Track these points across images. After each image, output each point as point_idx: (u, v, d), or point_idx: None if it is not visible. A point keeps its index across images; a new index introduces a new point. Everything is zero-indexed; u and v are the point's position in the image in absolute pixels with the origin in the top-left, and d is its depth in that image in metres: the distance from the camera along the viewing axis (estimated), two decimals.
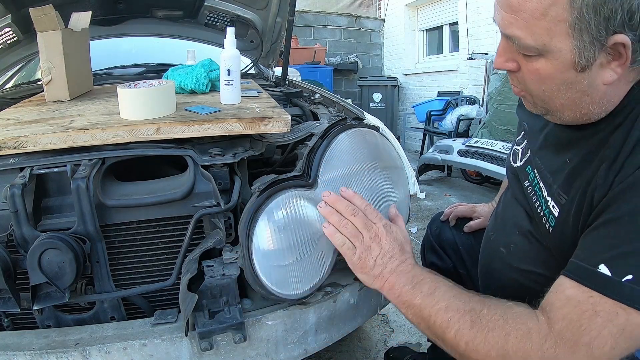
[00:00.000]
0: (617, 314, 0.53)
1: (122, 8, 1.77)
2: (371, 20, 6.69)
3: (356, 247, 0.75)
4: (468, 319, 0.62)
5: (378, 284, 0.74)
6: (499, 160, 2.98)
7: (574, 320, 0.55)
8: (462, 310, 0.63)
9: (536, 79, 0.61)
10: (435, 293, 0.67)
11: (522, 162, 0.81)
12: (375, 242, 0.75)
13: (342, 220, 0.76)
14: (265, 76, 1.98)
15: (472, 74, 4.87)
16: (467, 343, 0.61)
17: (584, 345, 0.54)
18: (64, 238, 0.77)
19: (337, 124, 0.95)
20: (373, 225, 0.77)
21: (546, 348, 0.56)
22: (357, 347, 1.54)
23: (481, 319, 0.61)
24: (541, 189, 0.72)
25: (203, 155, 0.88)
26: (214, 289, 0.80)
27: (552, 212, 0.67)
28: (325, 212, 0.78)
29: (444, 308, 0.65)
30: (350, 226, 0.76)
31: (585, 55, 0.55)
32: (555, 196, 0.67)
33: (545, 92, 0.62)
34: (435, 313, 0.65)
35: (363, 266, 0.75)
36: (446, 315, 0.64)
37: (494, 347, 0.59)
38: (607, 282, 0.54)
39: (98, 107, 1.09)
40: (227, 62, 1.04)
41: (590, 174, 0.61)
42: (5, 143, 0.83)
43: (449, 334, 0.63)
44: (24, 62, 1.84)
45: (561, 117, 0.65)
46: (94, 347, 0.74)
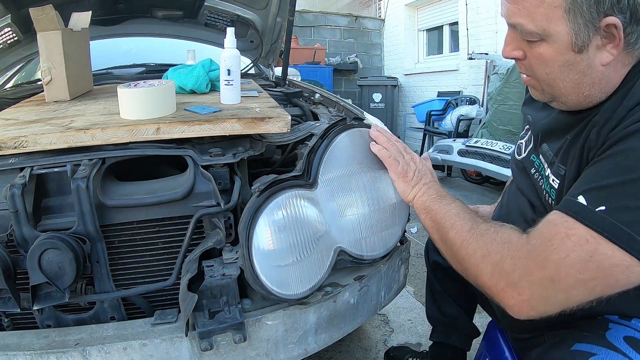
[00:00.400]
0: (587, 240, 0.57)
1: (122, 8, 1.77)
2: (371, 20, 6.68)
3: (399, 161, 0.90)
4: (468, 225, 0.72)
5: (413, 192, 0.87)
6: (499, 160, 2.98)
7: (547, 238, 0.60)
8: (466, 219, 0.74)
9: (540, 62, 0.67)
10: (452, 205, 0.79)
11: (526, 153, 0.88)
12: (413, 161, 0.91)
13: (389, 141, 0.92)
14: (265, 76, 1.98)
15: (472, 74, 4.87)
16: (461, 241, 0.71)
17: (553, 263, 0.58)
18: (64, 238, 0.77)
19: (337, 124, 0.95)
20: (410, 152, 0.94)
21: (518, 256, 0.62)
22: (357, 347, 1.54)
23: (478, 227, 0.71)
24: (545, 170, 0.79)
25: (203, 155, 0.87)
26: (214, 289, 0.80)
27: (553, 186, 0.74)
28: (375, 134, 0.94)
29: (454, 214, 0.76)
30: (394, 147, 0.92)
31: (581, 36, 0.61)
32: (555, 170, 0.74)
33: (549, 75, 0.67)
34: (447, 216, 0.77)
35: (404, 176, 0.89)
36: (453, 219, 0.75)
37: (481, 247, 0.67)
38: (582, 209, 0.58)
39: (98, 107, 1.09)
40: (227, 62, 1.04)
41: (583, 139, 0.67)
42: (5, 143, 0.83)
43: (451, 233, 0.74)
44: (24, 62, 1.84)
45: (566, 101, 0.70)
46: (94, 347, 0.74)
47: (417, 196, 0.86)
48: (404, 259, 1.09)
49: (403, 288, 1.14)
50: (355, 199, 0.92)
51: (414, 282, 2.04)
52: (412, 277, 2.07)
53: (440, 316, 1.19)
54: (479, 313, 1.22)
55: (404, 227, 1.04)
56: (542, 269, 0.59)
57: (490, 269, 0.65)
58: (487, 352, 0.99)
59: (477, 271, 0.67)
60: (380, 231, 0.96)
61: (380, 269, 0.99)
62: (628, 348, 0.62)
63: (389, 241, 1.00)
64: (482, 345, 1.04)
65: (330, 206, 0.88)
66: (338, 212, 0.90)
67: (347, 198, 0.91)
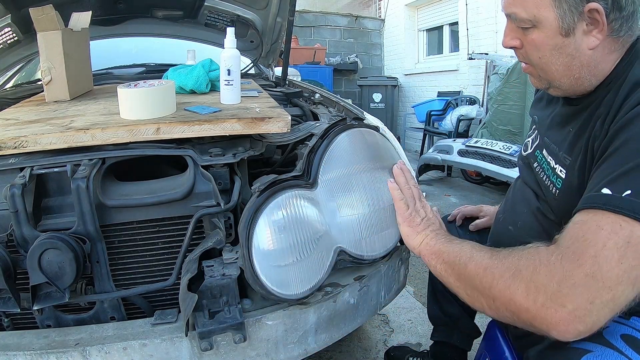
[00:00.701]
0: (621, 226, 0.56)
1: (122, 8, 1.77)
2: (371, 20, 6.69)
3: (409, 206, 0.90)
4: (487, 253, 0.70)
5: (419, 238, 0.86)
6: (499, 160, 2.98)
7: (579, 236, 0.58)
8: (483, 250, 0.72)
9: (533, 48, 0.73)
10: (464, 243, 0.77)
11: (532, 149, 0.91)
12: (424, 209, 0.91)
13: (407, 183, 0.93)
14: (265, 76, 1.98)
15: (472, 74, 4.87)
16: (485, 269, 0.67)
17: (590, 257, 0.56)
18: (64, 238, 0.77)
19: (337, 124, 0.95)
20: (424, 201, 0.94)
21: (552, 260, 0.59)
22: (357, 347, 1.54)
23: (500, 252, 0.69)
24: (548, 163, 0.81)
25: (203, 155, 0.87)
26: (214, 289, 0.79)
27: (559, 175, 0.76)
28: (397, 172, 0.94)
29: (469, 249, 0.74)
30: (409, 191, 0.92)
31: (567, 21, 0.67)
32: (561, 160, 0.76)
33: (542, 60, 0.73)
34: (461, 253, 0.74)
35: (411, 221, 0.89)
36: (470, 253, 0.72)
37: (509, 268, 0.64)
38: (608, 199, 0.58)
39: (98, 107, 1.09)
40: (227, 62, 1.04)
41: (589, 131, 0.70)
42: (5, 143, 0.83)
43: (470, 265, 0.70)
44: (24, 62, 1.84)
45: (560, 85, 0.75)
46: (94, 347, 0.74)
47: (424, 242, 0.84)
48: (404, 259, 1.09)
49: (403, 288, 1.14)
50: (355, 199, 0.92)
51: (414, 282, 2.04)
52: (412, 277, 2.07)
53: (441, 316, 1.20)
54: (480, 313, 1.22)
55: None
56: (580, 266, 0.56)
57: (524, 287, 0.60)
58: (487, 352, 0.99)
59: (509, 294, 0.61)
60: (380, 231, 0.96)
61: (380, 269, 0.99)
62: (625, 346, 0.62)
63: (389, 241, 1.00)
64: (482, 345, 1.04)
65: (330, 206, 0.88)
66: (338, 212, 0.90)
67: (347, 198, 0.91)
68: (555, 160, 0.78)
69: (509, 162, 2.90)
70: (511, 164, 2.86)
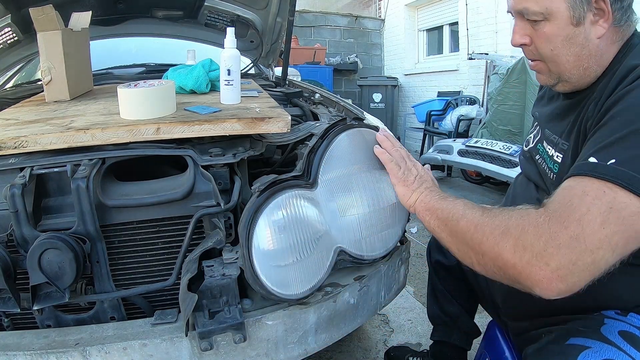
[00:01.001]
0: (604, 192, 0.59)
1: (122, 8, 1.77)
2: (371, 20, 6.68)
3: (400, 166, 0.90)
4: (479, 211, 0.71)
5: (413, 196, 0.86)
6: (499, 160, 2.98)
7: (566, 201, 0.61)
8: (475, 208, 0.73)
9: (545, 41, 0.75)
10: (457, 201, 0.78)
11: (534, 143, 0.95)
12: (415, 167, 0.91)
13: (393, 146, 0.94)
14: (265, 76, 1.98)
15: (472, 74, 4.87)
16: (476, 226, 0.69)
17: (575, 220, 0.58)
18: (64, 238, 0.77)
19: (337, 124, 0.95)
20: (413, 159, 0.94)
21: (540, 222, 0.61)
22: (357, 347, 1.54)
23: (491, 210, 0.70)
24: (548, 152, 0.85)
25: (203, 155, 0.87)
26: (214, 289, 0.79)
27: (556, 161, 0.80)
28: (381, 137, 0.95)
29: (462, 207, 0.75)
30: (397, 152, 0.93)
31: (577, 10, 0.71)
32: (560, 147, 0.80)
33: (553, 52, 0.76)
34: (454, 210, 0.75)
35: (405, 180, 0.88)
36: (462, 211, 0.74)
37: (499, 226, 0.66)
38: (594, 166, 0.62)
39: (98, 107, 1.09)
40: (227, 62, 1.03)
41: (582, 114, 0.75)
42: (5, 143, 0.83)
43: (462, 222, 0.72)
44: (24, 62, 1.84)
45: (569, 78, 0.77)
46: (94, 347, 0.74)
47: (419, 199, 0.85)
48: (404, 259, 1.09)
49: (403, 288, 1.14)
50: (355, 199, 0.92)
51: (414, 282, 2.04)
52: (412, 277, 2.07)
53: (441, 315, 1.20)
54: (480, 313, 1.22)
55: (404, 227, 1.04)
56: (566, 228, 0.58)
57: (512, 244, 0.62)
58: (487, 352, 0.99)
59: (498, 250, 0.64)
60: (380, 231, 0.96)
61: (380, 269, 0.99)
62: (622, 341, 0.63)
63: (389, 241, 1.00)
64: (482, 344, 1.04)
65: (330, 206, 0.89)
66: (338, 212, 0.90)
67: (347, 198, 0.91)
68: (555, 149, 0.82)
69: (509, 162, 2.90)
70: (511, 164, 2.86)
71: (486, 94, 4.30)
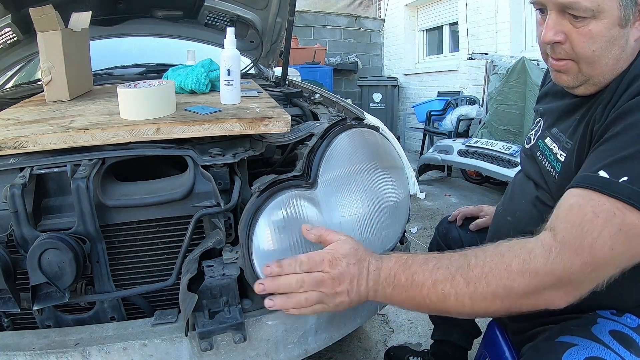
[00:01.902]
0: (615, 214, 0.57)
1: (122, 8, 1.77)
2: (371, 20, 6.68)
3: (324, 301, 0.69)
4: (460, 279, 0.62)
5: (365, 300, 0.70)
6: (499, 160, 2.98)
7: (577, 224, 0.59)
8: (449, 276, 0.63)
9: (587, 40, 0.69)
10: (415, 278, 0.65)
11: (535, 140, 0.91)
12: (333, 283, 0.68)
13: (295, 297, 0.69)
14: (265, 76, 1.98)
15: (472, 74, 4.87)
16: (470, 298, 0.61)
17: (587, 246, 0.57)
18: (64, 238, 0.77)
19: (337, 124, 0.95)
20: (319, 274, 0.69)
21: (552, 258, 0.58)
22: (357, 347, 1.54)
23: (473, 270, 0.61)
24: (551, 149, 0.81)
25: (203, 155, 0.87)
26: (214, 289, 0.79)
27: (559, 159, 0.77)
28: (277, 304, 0.70)
29: (431, 285, 0.63)
30: (304, 296, 0.69)
31: (627, 11, 0.66)
32: (563, 145, 0.77)
33: (595, 53, 0.69)
34: (427, 295, 0.64)
35: (340, 304, 0.69)
36: (437, 290, 0.63)
37: (499, 284, 0.60)
38: (605, 183, 0.59)
39: (98, 107, 1.09)
40: (227, 62, 1.03)
41: (590, 115, 0.71)
42: (5, 143, 0.83)
43: (450, 302, 0.63)
44: (24, 62, 1.84)
45: (598, 82, 0.72)
46: (94, 347, 0.74)
47: (376, 300, 0.70)
48: None
49: None
50: (355, 199, 0.92)
51: None
52: None
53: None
54: None
55: (403, 227, 1.04)
56: (578, 256, 0.58)
57: (524, 284, 0.59)
58: (487, 352, 0.99)
59: (510, 307, 0.62)
60: (380, 231, 0.96)
61: None
62: (612, 340, 0.64)
63: (389, 241, 1.00)
64: (482, 344, 1.04)
65: (330, 206, 0.88)
66: (338, 212, 0.90)
67: (347, 198, 0.91)
68: (558, 146, 0.79)
69: (509, 162, 2.90)
70: (511, 164, 2.86)
71: (486, 94, 4.30)
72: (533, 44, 4.22)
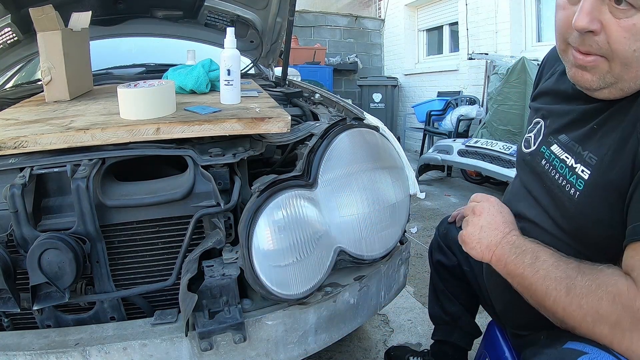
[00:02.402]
0: None
1: (122, 8, 1.77)
2: (371, 20, 6.68)
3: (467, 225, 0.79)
4: (564, 287, 0.63)
5: (487, 257, 0.75)
6: (499, 160, 2.98)
7: None
8: (558, 279, 0.64)
9: (629, 36, 0.58)
10: (536, 263, 0.68)
11: (536, 145, 0.83)
12: (477, 216, 0.78)
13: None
14: (265, 76, 1.98)
15: (472, 74, 4.87)
16: (564, 309, 0.63)
17: None
18: (64, 238, 0.77)
19: (337, 124, 0.95)
20: (474, 205, 0.81)
21: (637, 308, 0.57)
22: (357, 347, 1.54)
23: (575, 286, 0.62)
24: (563, 160, 0.73)
25: (203, 155, 0.88)
26: (214, 289, 0.79)
27: (581, 176, 0.68)
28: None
29: (542, 277, 0.66)
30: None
31: None
32: (584, 160, 0.68)
33: (635, 53, 0.59)
34: (535, 282, 0.66)
35: (469, 241, 0.77)
36: (544, 284, 0.65)
37: (589, 312, 0.60)
38: None
39: (98, 107, 1.09)
40: (227, 62, 1.04)
41: (622, 131, 0.62)
42: (5, 143, 0.83)
43: (548, 301, 0.65)
44: (24, 62, 1.84)
45: (626, 87, 0.63)
46: (94, 347, 0.74)
47: (494, 260, 0.75)
48: (404, 259, 1.09)
49: (403, 288, 1.14)
50: (355, 199, 0.92)
51: (414, 282, 2.04)
52: (412, 277, 2.07)
53: (442, 315, 1.20)
54: (480, 313, 1.22)
55: (403, 227, 1.04)
56: None
57: (607, 332, 0.59)
58: (487, 352, 0.99)
59: (592, 335, 0.61)
60: (380, 231, 0.96)
61: (380, 269, 0.99)
62: None
63: (389, 241, 1.00)
64: (482, 344, 1.04)
65: (330, 206, 0.88)
66: (338, 212, 0.90)
67: (347, 198, 0.91)
68: (576, 159, 0.70)
69: (509, 162, 2.90)
70: (511, 164, 2.86)
71: (486, 94, 4.30)
72: (533, 43, 4.23)
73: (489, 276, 0.89)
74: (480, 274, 1.01)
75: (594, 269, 0.63)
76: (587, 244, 0.69)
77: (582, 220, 0.68)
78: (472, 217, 0.80)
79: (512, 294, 0.73)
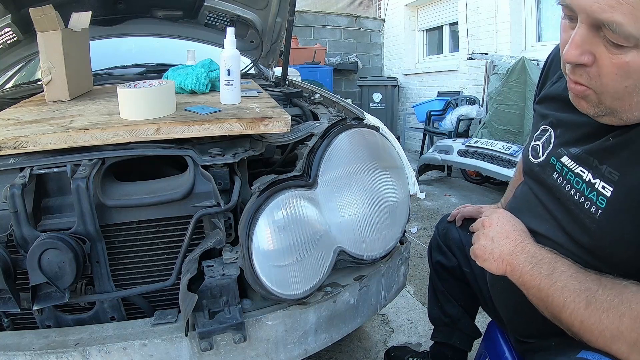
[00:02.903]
0: None
1: (122, 8, 1.77)
2: (371, 20, 6.68)
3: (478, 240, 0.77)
4: (583, 299, 0.61)
5: (502, 268, 0.72)
6: (499, 160, 2.99)
7: None
8: (577, 291, 0.62)
9: (621, 73, 0.56)
10: (554, 274, 0.65)
11: (545, 156, 0.78)
12: (487, 228, 0.76)
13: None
14: (265, 76, 1.98)
15: (472, 74, 4.87)
16: (581, 322, 0.60)
17: None
18: (64, 238, 0.77)
19: (337, 124, 0.95)
20: (484, 218, 0.79)
21: None
22: (357, 347, 1.54)
23: (596, 299, 0.60)
24: (580, 175, 0.68)
25: (203, 155, 0.88)
26: (214, 289, 0.80)
27: (602, 193, 0.64)
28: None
29: (560, 288, 0.63)
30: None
31: None
32: (605, 175, 0.64)
33: (627, 89, 0.56)
34: (552, 294, 0.64)
35: (481, 254, 0.75)
36: (562, 296, 0.63)
37: (608, 327, 0.58)
38: None
39: (98, 107, 1.09)
40: (227, 62, 1.04)
41: None
42: (5, 143, 0.83)
43: (565, 314, 0.62)
44: (24, 62, 1.84)
45: (625, 118, 0.60)
46: (94, 347, 0.74)
47: (508, 271, 0.72)
48: (404, 259, 1.09)
49: (403, 288, 1.14)
50: (355, 199, 0.92)
51: (414, 282, 2.04)
52: (412, 277, 2.07)
53: (442, 316, 1.20)
54: (480, 313, 1.22)
55: (403, 227, 1.04)
56: None
57: (625, 349, 0.57)
58: (487, 353, 0.99)
59: (609, 351, 0.59)
60: (380, 231, 0.96)
61: (380, 269, 0.99)
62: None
63: (389, 241, 1.00)
64: (482, 345, 1.04)
65: (330, 206, 0.89)
66: (338, 212, 0.90)
67: (347, 198, 0.91)
68: (594, 174, 0.65)
69: (508, 162, 2.90)
70: (511, 164, 2.86)
71: (486, 94, 4.30)
72: (533, 43, 4.23)
73: (493, 282, 0.88)
74: (480, 275, 1.01)
75: (617, 283, 0.60)
76: (607, 262, 0.66)
77: (605, 239, 0.65)
78: (482, 229, 0.77)
79: (517, 301, 0.72)
